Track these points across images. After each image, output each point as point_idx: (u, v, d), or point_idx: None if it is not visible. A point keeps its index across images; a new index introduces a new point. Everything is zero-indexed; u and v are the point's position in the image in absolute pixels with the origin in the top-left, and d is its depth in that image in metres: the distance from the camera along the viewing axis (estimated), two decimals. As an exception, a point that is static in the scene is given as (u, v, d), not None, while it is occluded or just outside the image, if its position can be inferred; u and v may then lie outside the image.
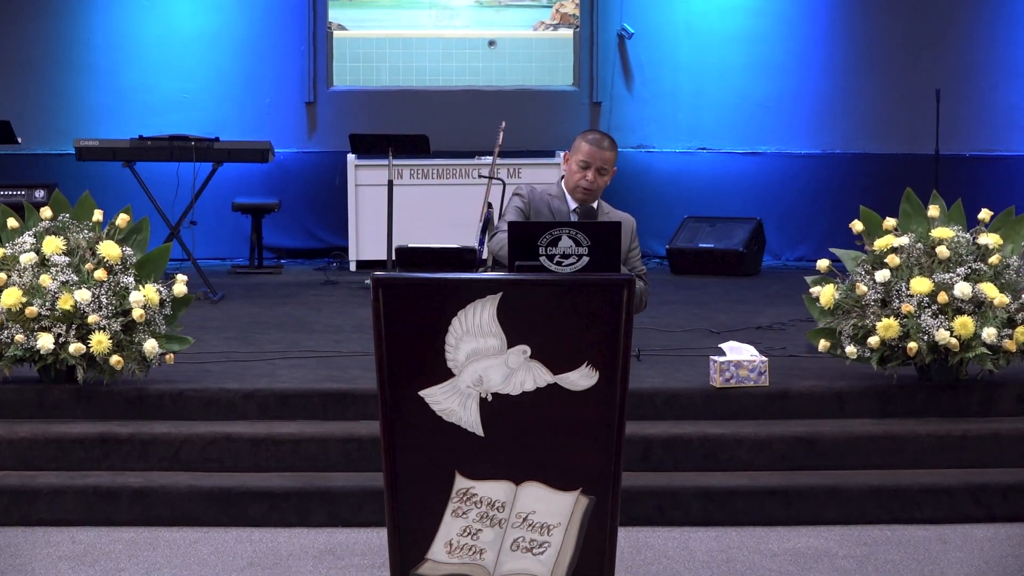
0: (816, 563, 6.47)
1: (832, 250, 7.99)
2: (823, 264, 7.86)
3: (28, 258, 7.45)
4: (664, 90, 14.42)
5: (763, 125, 14.40)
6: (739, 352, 7.73)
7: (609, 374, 5.05)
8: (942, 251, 7.54)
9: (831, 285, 7.73)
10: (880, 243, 7.69)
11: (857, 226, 7.84)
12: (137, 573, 6.32)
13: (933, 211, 7.78)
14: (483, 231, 10.18)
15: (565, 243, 5.10)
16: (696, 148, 14.42)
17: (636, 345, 7.69)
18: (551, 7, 14.55)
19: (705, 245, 13.32)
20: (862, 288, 7.56)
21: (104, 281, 7.41)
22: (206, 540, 6.74)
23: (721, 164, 14.41)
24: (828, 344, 7.74)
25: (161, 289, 7.53)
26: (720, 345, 7.96)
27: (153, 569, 6.37)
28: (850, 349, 7.55)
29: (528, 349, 5.02)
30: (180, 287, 7.64)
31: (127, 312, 7.39)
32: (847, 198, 13.12)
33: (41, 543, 6.70)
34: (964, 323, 7.37)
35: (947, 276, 7.47)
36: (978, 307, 7.45)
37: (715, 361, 7.64)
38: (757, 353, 7.75)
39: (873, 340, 7.44)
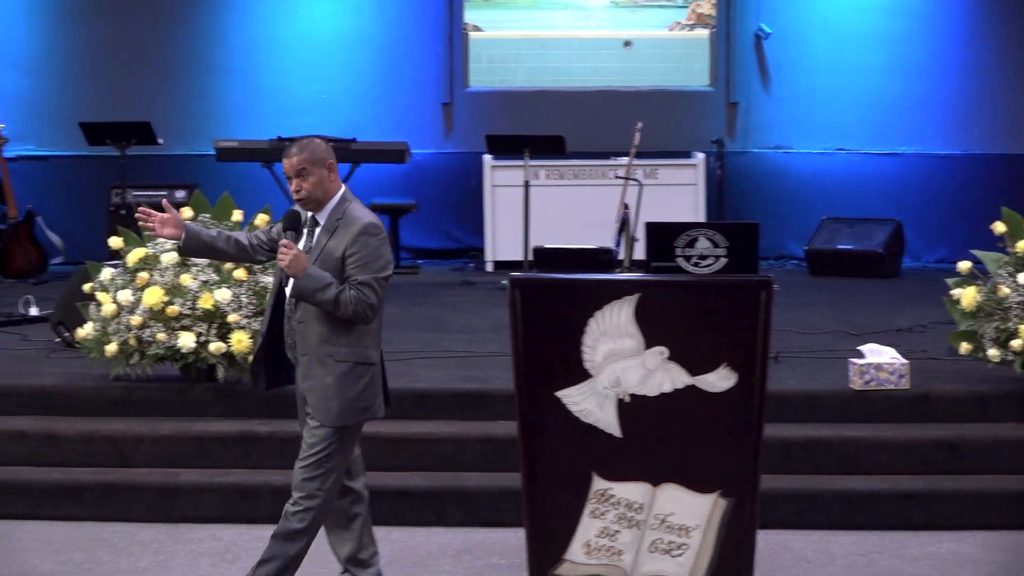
0: (959, 569, 6.39)
1: (973, 252, 7.88)
2: (964, 266, 7.76)
3: (169, 257, 7.55)
4: (801, 90, 14.30)
5: (901, 125, 14.22)
6: (879, 354, 7.65)
7: (747, 376, 5.03)
8: (1088, 252, 7.42)
9: (972, 287, 7.62)
10: (1022, 245, 7.58)
11: (999, 227, 7.73)
12: (276, 570, 6.38)
13: (1078, 212, 7.66)
14: (620, 232, 10.16)
15: (702, 244, 5.08)
16: (834, 148, 14.27)
17: (774, 347, 7.62)
18: (687, 7, 14.48)
19: (844, 246, 13.19)
20: (1004, 290, 7.45)
21: (244, 280, 7.49)
22: (344, 538, 6.77)
23: (859, 164, 14.25)
24: (970, 347, 7.64)
25: (300, 289, 7.58)
26: (859, 347, 7.88)
27: (292, 566, 6.42)
28: (992, 352, 7.45)
29: (666, 350, 5.01)
30: (319, 287, 7.69)
31: (267, 311, 7.46)
32: (988, 199, 12.89)
33: (183, 539, 6.79)
34: (1111, 326, 7.24)
35: (1093, 278, 7.35)
36: (1125, 309, 7.32)
37: (854, 363, 7.57)
38: (898, 355, 7.67)
39: (1016, 343, 7.33)
